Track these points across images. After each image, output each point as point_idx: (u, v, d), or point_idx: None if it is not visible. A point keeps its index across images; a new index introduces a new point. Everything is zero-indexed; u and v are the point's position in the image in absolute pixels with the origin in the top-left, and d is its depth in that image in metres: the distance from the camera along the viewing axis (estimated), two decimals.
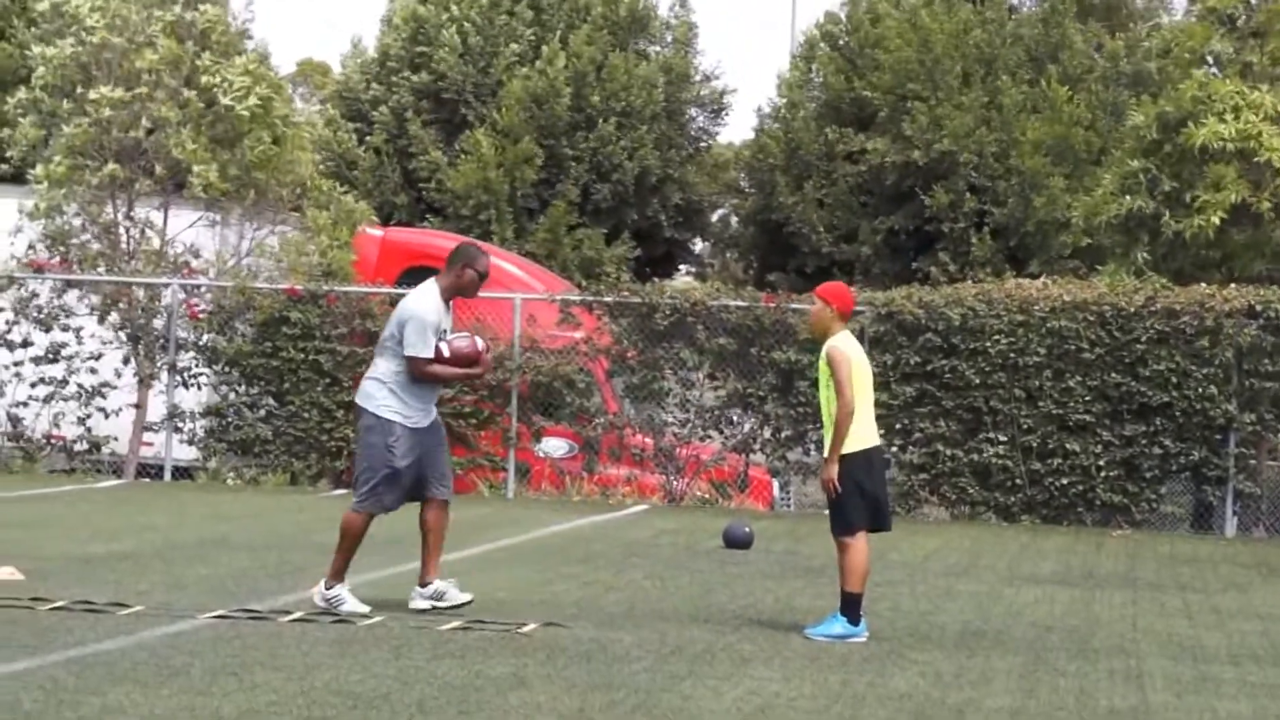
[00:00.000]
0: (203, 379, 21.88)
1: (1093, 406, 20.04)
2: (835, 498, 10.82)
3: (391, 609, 11.04)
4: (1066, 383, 20.08)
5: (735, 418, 21.14)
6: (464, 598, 11.11)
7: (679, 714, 8.45)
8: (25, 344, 21.73)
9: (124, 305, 21.81)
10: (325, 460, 21.55)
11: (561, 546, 15.74)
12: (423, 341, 10.85)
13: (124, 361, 21.79)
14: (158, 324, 21.92)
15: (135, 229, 22.60)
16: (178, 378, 21.84)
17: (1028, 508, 20.18)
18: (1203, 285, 20.38)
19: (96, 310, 21.77)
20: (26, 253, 22.31)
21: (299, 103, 41.23)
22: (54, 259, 22.31)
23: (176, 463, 21.88)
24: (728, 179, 38.90)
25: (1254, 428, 19.93)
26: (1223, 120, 21.51)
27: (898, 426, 20.24)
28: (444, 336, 10.98)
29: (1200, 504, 20.37)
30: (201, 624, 10.43)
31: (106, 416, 21.65)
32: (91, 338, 21.68)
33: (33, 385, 21.74)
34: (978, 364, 20.27)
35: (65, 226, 22.33)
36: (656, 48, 36.93)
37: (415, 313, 10.89)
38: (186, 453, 21.99)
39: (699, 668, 9.67)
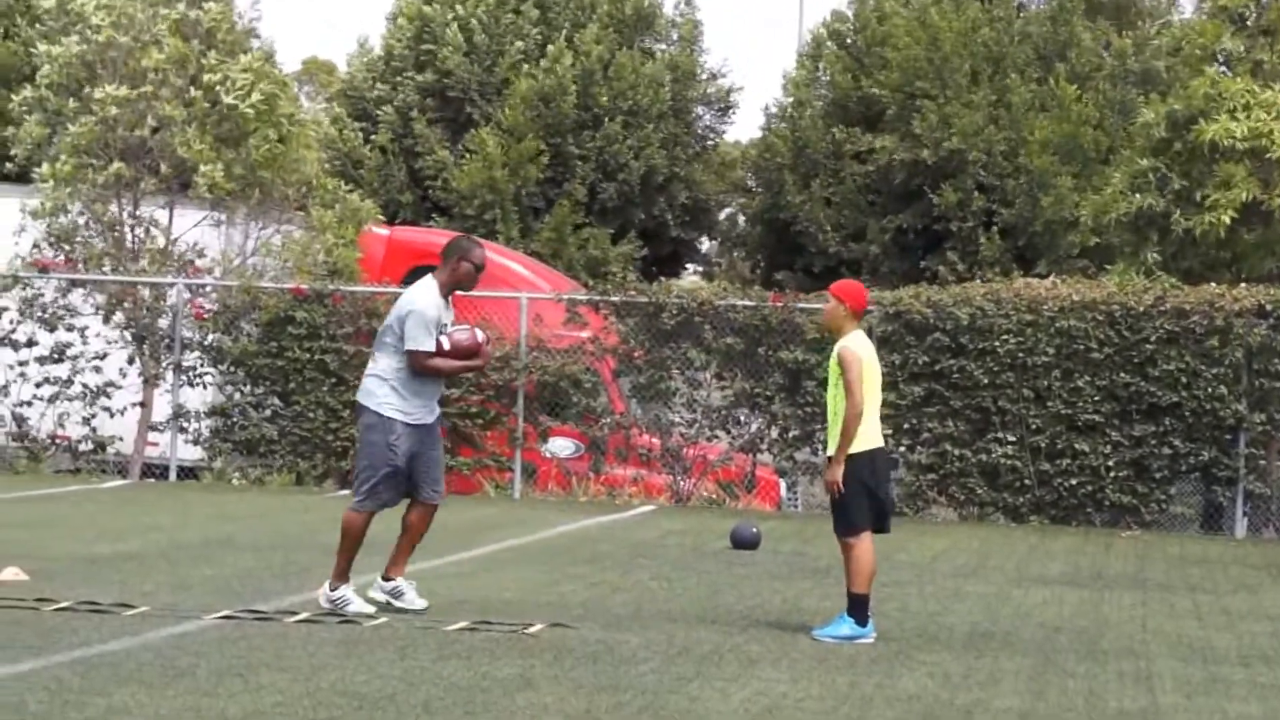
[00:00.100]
0: (208, 379, 21.86)
1: (1102, 406, 19.98)
2: (840, 498, 10.78)
3: (396, 610, 10.99)
4: (1075, 383, 20.02)
5: (742, 418, 21.10)
6: (420, 604, 11.11)
7: (686, 715, 8.41)
8: (30, 343, 21.71)
9: (129, 305, 21.79)
10: (330, 460, 21.50)
11: (568, 547, 15.71)
12: (424, 335, 10.87)
13: (129, 361, 21.77)
14: (163, 323, 21.91)
15: (140, 228, 22.57)
16: (183, 377, 21.81)
17: (1036, 508, 20.11)
18: (1212, 285, 20.33)
19: (101, 310, 21.76)
20: (31, 252, 22.29)
21: (305, 101, 41.20)
22: (59, 258, 22.29)
23: (181, 463, 21.85)
24: (735, 178, 38.82)
25: (1264, 428, 19.87)
26: (1234, 118, 21.45)
27: (906, 426, 20.21)
28: (444, 330, 10.97)
29: (1210, 504, 20.31)
30: (207, 625, 10.40)
31: (111, 416, 21.63)
32: (96, 337, 21.68)
33: (38, 385, 21.73)
34: (986, 364, 20.21)
35: (70, 225, 22.31)
36: (662, 46, 36.89)
37: (415, 307, 10.91)
38: (192, 453, 21.96)
39: (706, 669, 9.63)
